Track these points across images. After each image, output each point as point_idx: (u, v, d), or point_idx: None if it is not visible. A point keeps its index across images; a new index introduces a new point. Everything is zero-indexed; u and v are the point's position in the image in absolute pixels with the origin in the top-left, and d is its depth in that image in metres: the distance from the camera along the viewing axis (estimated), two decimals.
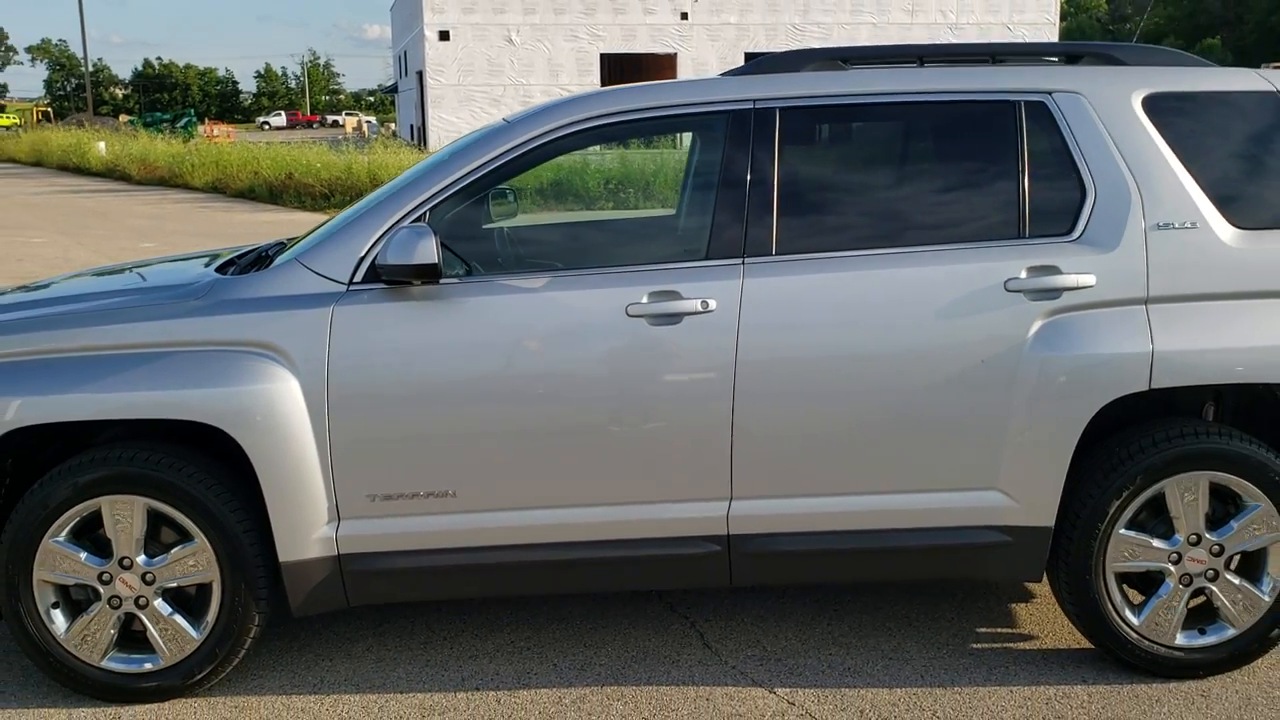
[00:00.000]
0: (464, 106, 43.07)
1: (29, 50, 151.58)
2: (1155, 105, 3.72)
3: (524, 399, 3.56)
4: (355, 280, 3.60)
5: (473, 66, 43.68)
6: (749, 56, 44.79)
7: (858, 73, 3.82)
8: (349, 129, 75.80)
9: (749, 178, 3.65)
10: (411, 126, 52.22)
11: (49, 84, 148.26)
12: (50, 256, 14.73)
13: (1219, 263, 3.61)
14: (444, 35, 43.44)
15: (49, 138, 41.95)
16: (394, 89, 65.37)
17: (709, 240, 3.65)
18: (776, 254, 3.62)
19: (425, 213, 3.64)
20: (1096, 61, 3.89)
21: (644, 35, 44.66)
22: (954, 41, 44.56)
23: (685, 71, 43.23)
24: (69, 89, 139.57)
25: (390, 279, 3.52)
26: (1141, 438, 3.65)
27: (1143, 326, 3.56)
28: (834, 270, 3.61)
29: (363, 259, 3.61)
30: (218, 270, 3.99)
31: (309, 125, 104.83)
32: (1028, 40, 45.81)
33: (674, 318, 3.56)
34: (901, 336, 3.58)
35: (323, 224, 4.09)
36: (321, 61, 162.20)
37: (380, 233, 3.61)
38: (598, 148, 22.45)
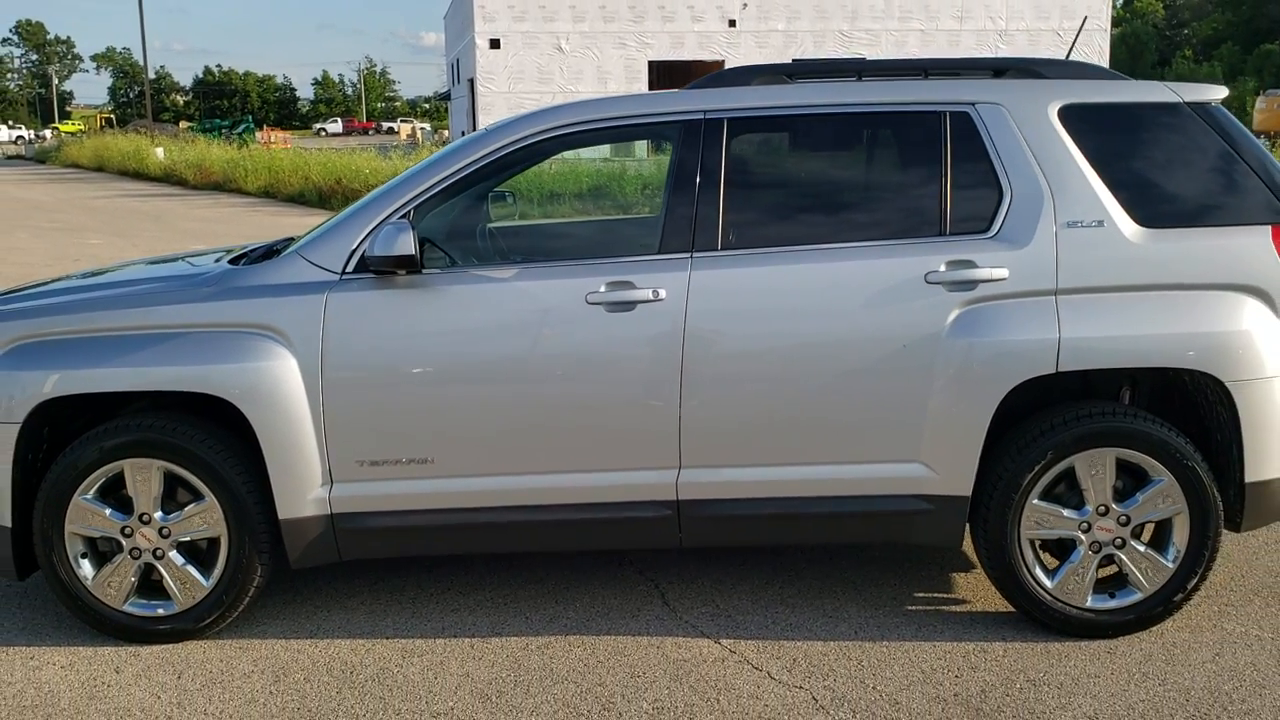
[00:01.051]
0: (514, 114, 43.69)
1: (94, 58, 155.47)
2: (1070, 115, 4.10)
3: (494, 377, 4.01)
4: (347, 270, 4.07)
5: (523, 74, 44.36)
6: (796, 63, 45.15)
7: (800, 86, 4.23)
8: (403, 136, 76.99)
9: (698, 180, 4.07)
10: (463, 133, 53.00)
11: (113, 91, 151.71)
12: (105, 257, 15.43)
13: (1123, 258, 3.98)
14: (495, 43, 44.16)
15: (110, 144, 43.22)
16: (447, 96, 66.26)
17: (661, 236, 4.08)
18: (721, 249, 4.04)
19: (410, 211, 4.10)
20: (1020, 75, 4.27)
21: (692, 42, 45.09)
22: (1002, 48, 44.54)
23: None
24: (132, 96, 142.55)
25: (376, 269, 3.99)
26: (1052, 417, 4.03)
27: (1051, 315, 3.94)
28: (772, 263, 4.02)
29: (354, 251, 4.07)
30: (230, 262, 4.47)
31: (365, 132, 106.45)
32: (1078, 46, 45.72)
33: (628, 305, 3.98)
34: (833, 323, 3.99)
35: (323, 222, 4.56)
36: (378, 69, 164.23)
37: (369, 229, 4.08)
38: (642, 155, 23.06)
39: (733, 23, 45.13)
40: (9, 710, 3.72)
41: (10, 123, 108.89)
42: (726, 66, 43.43)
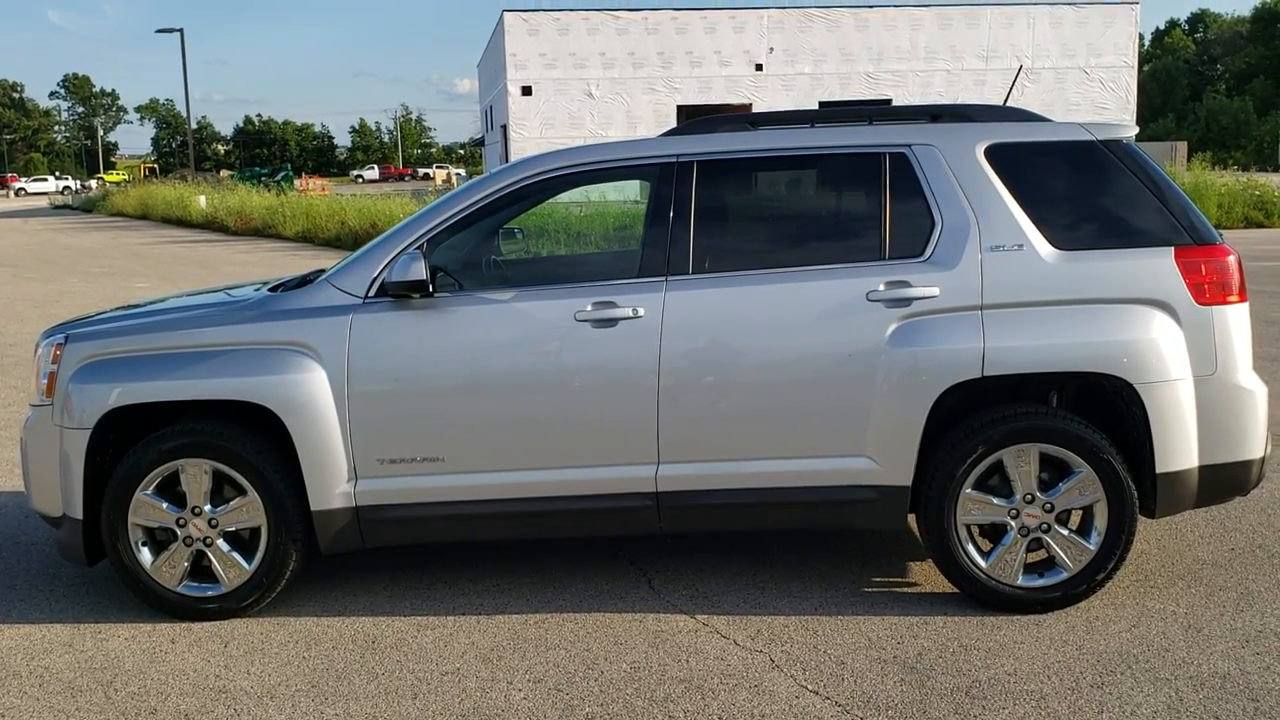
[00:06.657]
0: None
1: (138, 110, 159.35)
2: (995, 153, 4.70)
3: (495, 385, 4.64)
4: (370, 295, 4.72)
5: (554, 120, 45.33)
6: (823, 105, 46.00)
7: (760, 132, 4.86)
8: (438, 181, 78.37)
9: (672, 214, 4.71)
10: None
11: (156, 141, 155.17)
12: None
13: (1040, 277, 4.56)
14: (527, 90, 45.21)
15: (154, 193, 44.57)
16: (482, 142, 67.53)
17: (640, 262, 4.71)
18: (693, 272, 4.66)
19: (423, 243, 4.75)
20: (953, 119, 4.88)
21: (720, 87, 45.94)
22: (1029, 86, 44.93)
23: None
24: (174, 145, 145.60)
25: (394, 294, 4.63)
26: (982, 417, 4.60)
27: (977, 328, 4.53)
28: (736, 285, 4.64)
29: (375, 279, 4.72)
30: (270, 290, 5.13)
31: (401, 178, 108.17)
32: (1105, 83, 46.25)
33: (611, 322, 4.61)
34: (789, 336, 4.60)
35: (350, 254, 5.22)
36: (414, 116, 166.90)
37: (388, 259, 4.72)
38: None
39: (759, 66, 45.97)
40: (82, 671, 4.36)
41: (57, 173, 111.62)
42: (754, 109, 44.12)
